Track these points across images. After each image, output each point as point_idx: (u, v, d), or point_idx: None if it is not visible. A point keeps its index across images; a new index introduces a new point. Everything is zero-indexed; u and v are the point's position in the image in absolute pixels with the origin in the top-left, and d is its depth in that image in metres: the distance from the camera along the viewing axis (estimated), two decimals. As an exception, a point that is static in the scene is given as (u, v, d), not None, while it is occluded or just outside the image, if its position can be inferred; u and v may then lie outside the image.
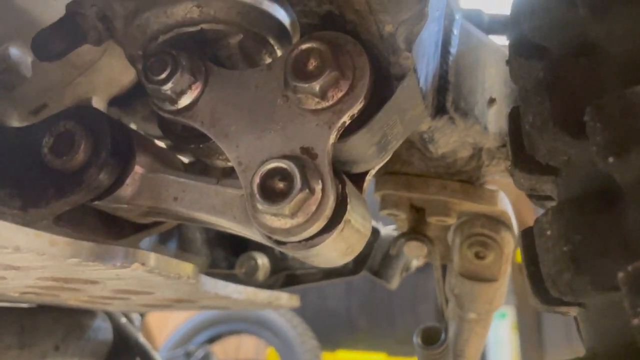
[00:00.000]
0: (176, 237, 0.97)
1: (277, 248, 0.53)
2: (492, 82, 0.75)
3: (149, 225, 0.72)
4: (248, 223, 0.54)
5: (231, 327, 3.12)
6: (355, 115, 0.51)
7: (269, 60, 0.64)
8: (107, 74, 0.83)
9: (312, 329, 3.03)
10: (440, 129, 0.69)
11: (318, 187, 0.49)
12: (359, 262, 1.03)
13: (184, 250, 1.03)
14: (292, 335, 2.96)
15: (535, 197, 0.56)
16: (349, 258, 0.58)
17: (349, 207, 0.51)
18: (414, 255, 0.86)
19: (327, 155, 0.50)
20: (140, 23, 0.59)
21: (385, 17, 0.45)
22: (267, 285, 1.00)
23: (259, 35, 0.62)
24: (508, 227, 0.84)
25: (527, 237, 0.45)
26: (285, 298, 0.91)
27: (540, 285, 0.44)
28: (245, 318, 3.05)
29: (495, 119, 0.75)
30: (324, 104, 0.51)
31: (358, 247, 0.58)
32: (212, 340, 3.11)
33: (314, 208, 0.48)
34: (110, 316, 1.06)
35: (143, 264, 0.55)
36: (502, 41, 0.83)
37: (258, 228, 0.50)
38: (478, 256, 0.85)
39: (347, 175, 0.54)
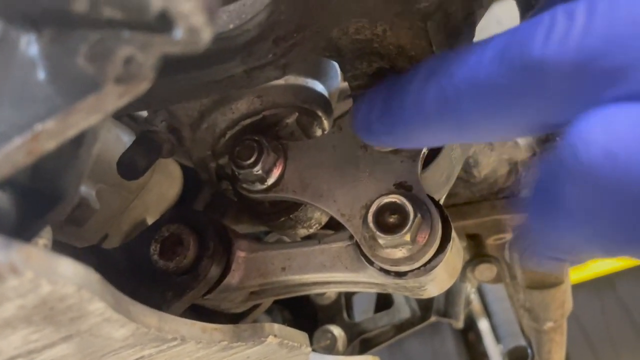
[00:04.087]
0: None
1: (397, 281, 0.56)
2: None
3: (243, 314, 0.75)
4: (360, 269, 0.58)
5: None
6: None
7: (319, 131, 0.71)
8: (157, 191, 0.88)
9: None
10: (482, 151, 0.76)
11: (425, 212, 0.54)
12: (426, 309, 1.06)
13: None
14: None
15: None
16: (454, 279, 0.62)
17: (451, 224, 0.56)
18: (485, 278, 0.90)
19: (420, 183, 0.56)
20: (208, 125, 0.65)
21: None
22: (347, 355, 1.01)
23: (310, 110, 0.69)
24: (557, 229, 0.90)
25: None
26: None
27: None
28: None
29: (520, 133, 0.83)
30: None
31: (459, 267, 0.62)
32: None
33: (428, 230, 0.53)
34: None
35: (275, 336, 0.57)
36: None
37: (380, 264, 0.54)
38: (540, 264, 0.89)
39: None
